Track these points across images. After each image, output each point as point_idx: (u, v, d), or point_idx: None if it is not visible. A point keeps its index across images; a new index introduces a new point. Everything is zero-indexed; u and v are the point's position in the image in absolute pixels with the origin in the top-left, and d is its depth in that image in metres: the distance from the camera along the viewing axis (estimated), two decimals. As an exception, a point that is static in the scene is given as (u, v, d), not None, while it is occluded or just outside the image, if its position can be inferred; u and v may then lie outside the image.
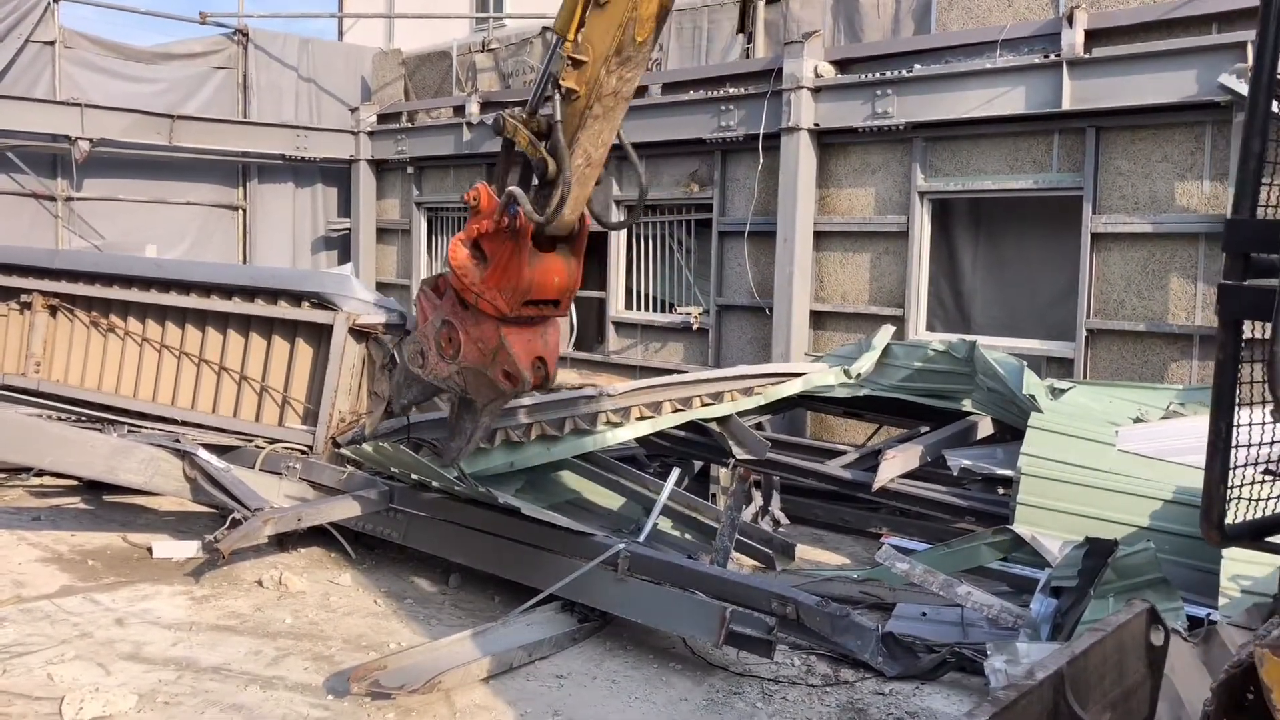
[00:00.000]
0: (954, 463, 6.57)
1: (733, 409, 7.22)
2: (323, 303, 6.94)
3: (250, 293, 7.25)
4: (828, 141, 9.44)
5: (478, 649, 4.70)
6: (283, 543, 6.26)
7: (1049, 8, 8.37)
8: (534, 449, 6.54)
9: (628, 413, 6.86)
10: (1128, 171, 7.85)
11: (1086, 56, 7.82)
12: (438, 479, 5.79)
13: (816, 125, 9.31)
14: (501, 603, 5.60)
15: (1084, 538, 4.92)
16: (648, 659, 4.94)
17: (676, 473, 6.90)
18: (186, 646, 4.86)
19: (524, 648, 4.82)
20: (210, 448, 6.55)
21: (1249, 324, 2.49)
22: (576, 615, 5.19)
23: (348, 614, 5.41)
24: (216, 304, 7.34)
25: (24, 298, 8.28)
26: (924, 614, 5.43)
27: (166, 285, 7.63)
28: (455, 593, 5.84)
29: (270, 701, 4.33)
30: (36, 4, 12.67)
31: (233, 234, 14.52)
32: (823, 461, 7.31)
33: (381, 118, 14.38)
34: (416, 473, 5.93)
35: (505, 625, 5.00)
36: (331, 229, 15.07)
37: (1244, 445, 2.53)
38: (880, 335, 7.92)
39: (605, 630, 5.19)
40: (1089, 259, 7.99)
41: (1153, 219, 7.70)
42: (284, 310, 7.08)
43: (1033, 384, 6.64)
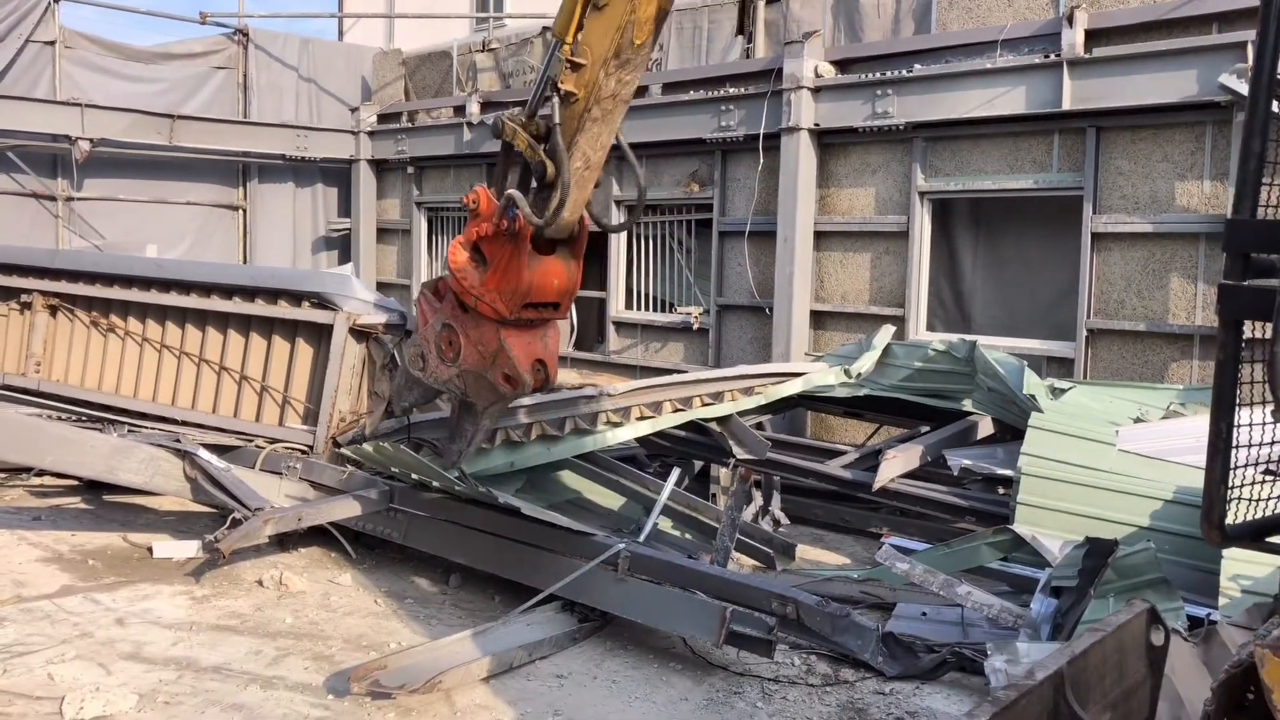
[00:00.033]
0: (954, 462, 6.57)
1: (733, 409, 7.22)
2: (323, 303, 6.95)
3: (250, 293, 7.25)
4: (828, 141, 9.44)
5: (478, 649, 4.71)
6: (283, 542, 6.26)
7: (1049, 8, 8.37)
8: (534, 449, 6.54)
9: (628, 413, 6.86)
10: (1128, 171, 7.85)
11: (1087, 56, 7.82)
12: (438, 479, 5.79)
13: (817, 125, 9.31)
14: (502, 602, 5.60)
15: (1084, 538, 4.92)
16: (648, 659, 4.94)
17: (677, 473, 6.90)
18: (187, 646, 4.86)
19: (524, 647, 4.82)
20: (210, 447, 6.56)
21: (1249, 324, 2.49)
22: (577, 615, 5.19)
23: (348, 614, 5.41)
24: (217, 304, 7.34)
25: (24, 297, 8.29)
26: (924, 614, 5.43)
27: (167, 285, 7.63)
28: (455, 592, 5.85)
29: (270, 701, 4.34)
30: (37, 4, 12.67)
31: (233, 234, 14.52)
32: (823, 461, 7.30)
33: (382, 118, 14.38)
34: (417, 472, 5.93)
35: (505, 625, 5.00)
36: (332, 229, 15.07)
37: (1244, 445, 2.54)
38: (880, 335, 7.92)
39: (605, 630, 5.19)
40: (1089, 259, 7.99)
41: (1153, 219, 7.71)
42: (284, 310, 7.09)
43: (1033, 384, 6.64)
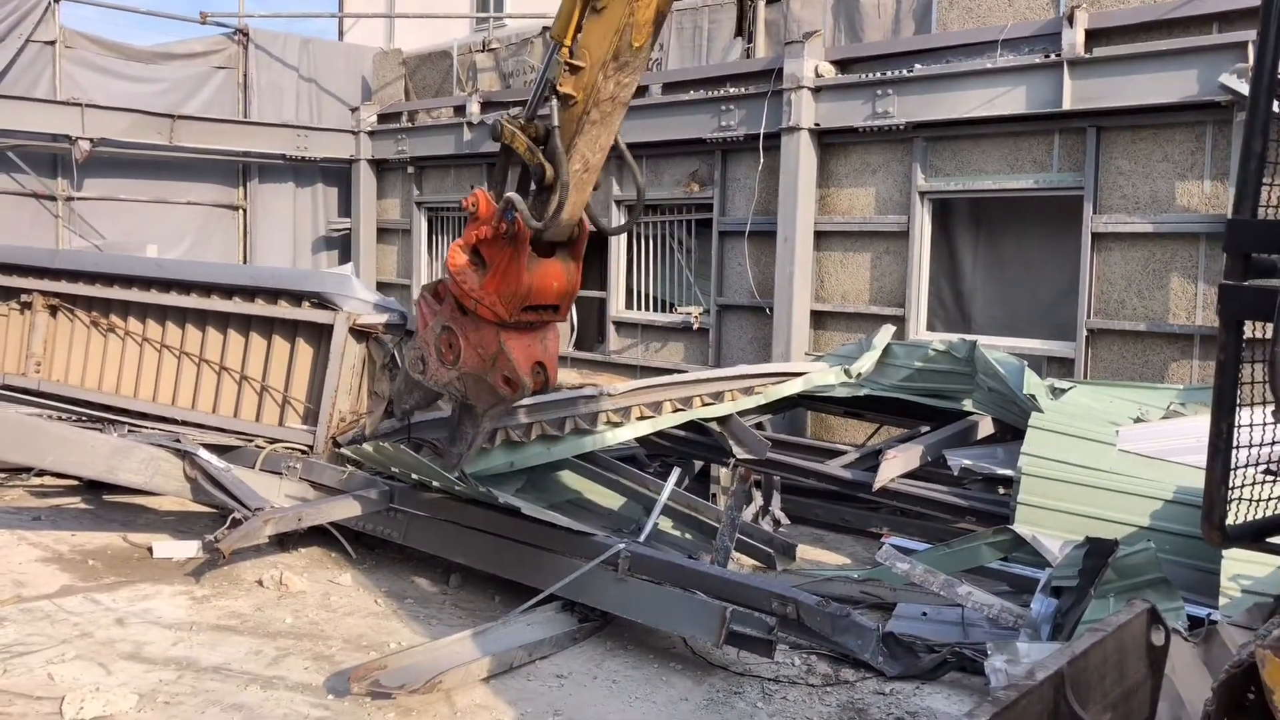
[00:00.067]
0: (954, 462, 6.57)
1: (733, 408, 7.21)
2: (323, 303, 6.95)
3: (250, 292, 7.25)
4: (828, 141, 9.44)
5: (478, 649, 4.71)
6: (283, 542, 6.26)
7: (1049, 7, 8.37)
8: (534, 449, 6.54)
9: (628, 412, 6.86)
10: (1128, 171, 7.85)
11: (1087, 56, 7.81)
12: (438, 479, 5.79)
13: (817, 125, 9.31)
14: (502, 602, 5.60)
15: (1084, 538, 4.92)
16: (648, 659, 4.94)
17: (677, 472, 6.90)
18: (187, 646, 4.86)
19: (524, 647, 4.82)
20: (210, 447, 6.56)
21: (1250, 324, 2.49)
22: (577, 615, 5.19)
23: (348, 614, 5.41)
24: (217, 304, 7.34)
25: (24, 297, 8.29)
26: (924, 614, 5.43)
27: (167, 285, 7.63)
28: (456, 592, 5.84)
29: (271, 701, 4.34)
30: (37, 4, 12.67)
31: (233, 234, 14.51)
32: (823, 461, 7.30)
33: (382, 117, 14.38)
34: (417, 472, 5.93)
35: (506, 625, 5.00)
36: (332, 229, 15.07)
37: (1245, 446, 2.54)
38: (881, 335, 7.92)
39: (606, 630, 5.19)
40: (1089, 259, 7.98)
41: (1153, 219, 7.70)
42: (284, 310, 7.09)
43: (1033, 384, 6.64)
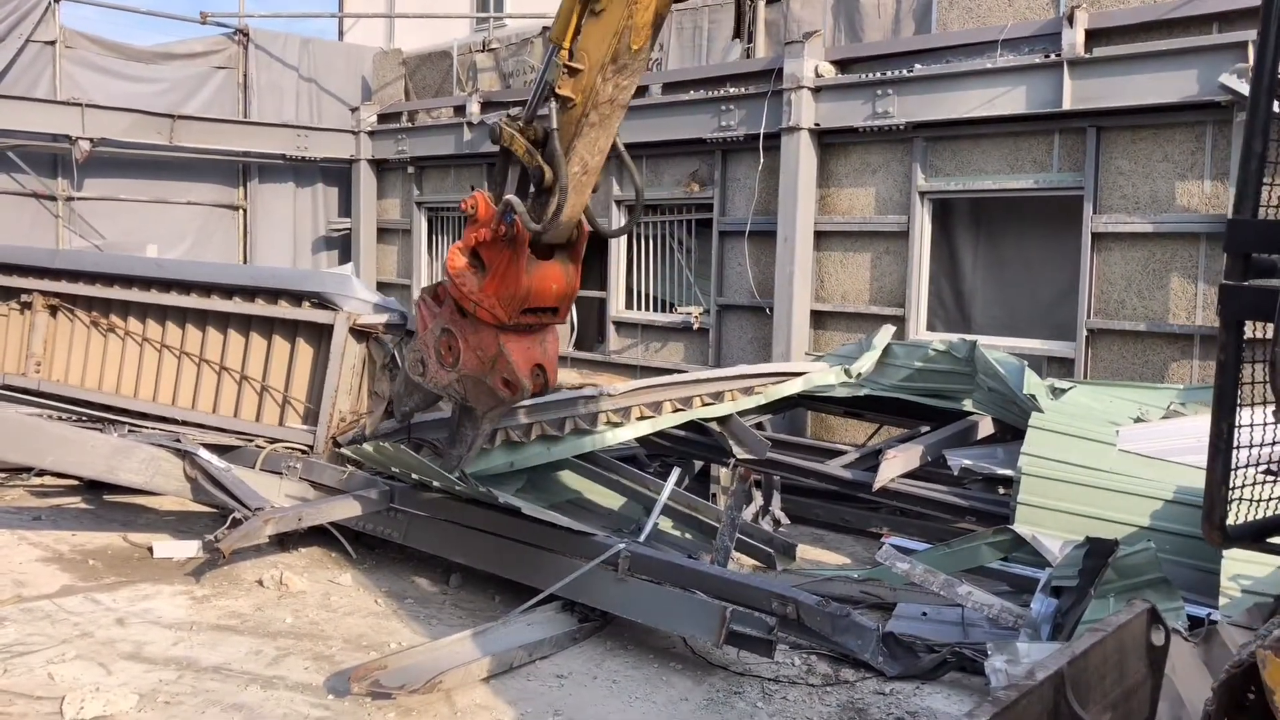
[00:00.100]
0: (954, 462, 6.57)
1: (733, 408, 7.21)
2: (323, 303, 6.95)
3: (251, 293, 7.25)
4: (828, 141, 9.44)
5: (478, 649, 4.71)
6: (283, 542, 6.26)
7: (1049, 7, 8.37)
8: (534, 449, 6.54)
9: (628, 413, 6.86)
10: (1128, 171, 7.85)
11: (1087, 56, 7.82)
12: (438, 479, 5.79)
13: (817, 125, 9.31)
14: (502, 602, 5.60)
15: (1084, 537, 4.92)
16: (648, 659, 4.94)
17: (677, 472, 6.90)
18: (187, 646, 4.86)
19: (524, 647, 4.82)
20: (211, 447, 6.56)
21: (1250, 324, 2.49)
22: (577, 615, 5.19)
23: (348, 614, 5.41)
24: (217, 304, 7.34)
25: (24, 297, 8.29)
26: (924, 614, 5.43)
27: (167, 285, 7.63)
28: (456, 592, 5.84)
29: (271, 701, 4.34)
30: (37, 4, 12.67)
31: (233, 234, 14.51)
32: (823, 461, 7.30)
33: (382, 117, 14.38)
34: (417, 472, 5.93)
35: (506, 625, 5.00)
36: (332, 229, 15.07)
37: (1246, 446, 2.54)
38: (881, 335, 7.92)
39: (606, 630, 5.19)
40: (1089, 259, 7.98)
41: (1153, 219, 7.70)
42: (284, 310, 7.09)
43: (1033, 384, 6.64)
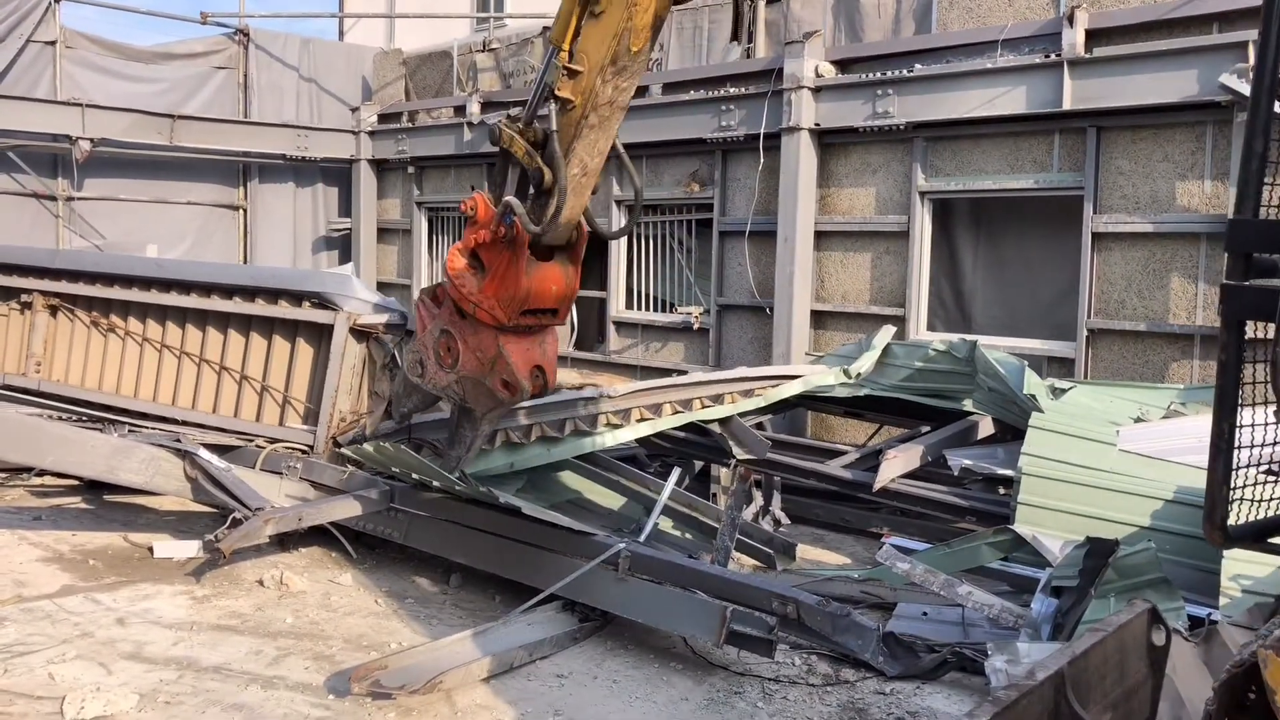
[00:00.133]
0: (955, 463, 6.57)
1: (733, 410, 7.22)
2: (323, 303, 6.94)
3: (251, 293, 7.25)
4: (828, 141, 9.44)
5: (479, 648, 4.70)
6: (284, 542, 6.26)
7: (1050, 7, 8.37)
8: (534, 450, 6.54)
9: (628, 414, 6.86)
10: (1128, 171, 7.85)
11: (1087, 56, 7.81)
12: (439, 479, 5.79)
13: (817, 125, 9.31)
14: (502, 602, 5.60)
15: (1085, 537, 4.92)
16: (648, 658, 4.94)
17: (677, 472, 6.90)
18: (187, 646, 4.86)
19: (525, 647, 4.82)
20: (211, 447, 6.56)
21: (1251, 324, 2.49)
22: (577, 615, 5.19)
23: (349, 614, 5.41)
24: (217, 304, 7.34)
25: (25, 297, 8.28)
26: (925, 614, 5.43)
27: (167, 285, 7.63)
28: (456, 592, 5.84)
29: (271, 701, 4.33)
30: (37, 4, 12.67)
31: (233, 234, 14.52)
32: (823, 461, 7.30)
33: (382, 118, 14.37)
34: (417, 472, 5.93)
35: (506, 625, 5.00)
36: (332, 229, 15.07)
37: (1247, 446, 2.53)
38: (880, 335, 7.92)
39: (606, 630, 5.19)
40: (1090, 259, 7.98)
41: (1154, 219, 7.70)
42: (285, 310, 7.09)
43: (1033, 384, 6.64)
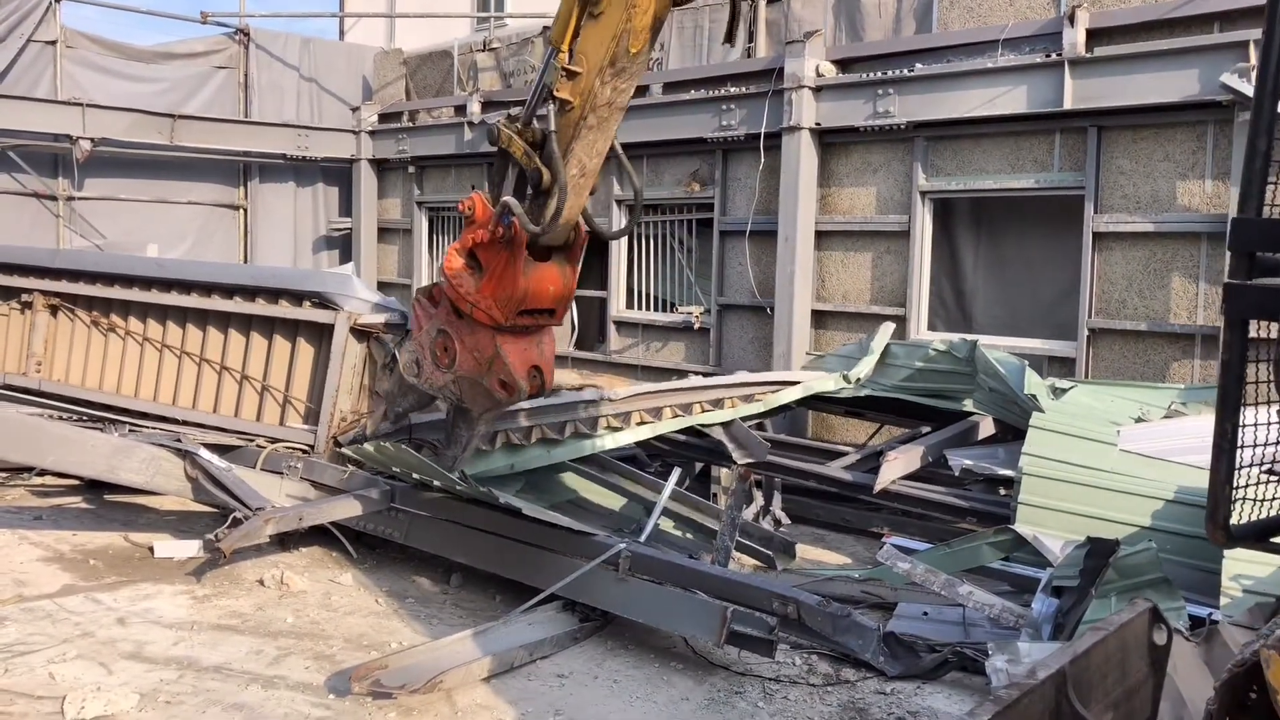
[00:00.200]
0: (955, 463, 6.57)
1: (733, 415, 7.21)
2: (324, 302, 6.94)
3: (251, 292, 7.24)
4: (829, 141, 9.44)
5: (479, 648, 4.70)
6: (284, 542, 6.25)
7: (1050, 7, 8.36)
8: (535, 452, 6.54)
9: (628, 417, 6.87)
10: (1129, 171, 7.84)
11: (1088, 56, 7.81)
12: (439, 479, 5.78)
13: (818, 124, 9.30)
14: (503, 602, 5.59)
15: (1085, 537, 4.92)
16: (649, 658, 4.93)
17: (677, 473, 6.89)
18: (188, 646, 4.86)
19: (525, 647, 4.82)
20: (211, 447, 6.55)
21: (1254, 323, 2.48)
22: (578, 615, 5.19)
23: (349, 613, 5.40)
24: (217, 303, 7.34)
25: (25, 297, 8.28)
26: (925, 613, 5.43)
27: (167, 285, 7.62)
28: (457, 592, 5.84)
29: (272, 701, 4.33)
30: (38, 4, 12.67)
31: (234, 233, 14.52)
32: (824, 462, 7.30)
33: (383, 117, 14.37)
34: (418, 472, 5.93)
35: (506, 625, 5.00)
36: (333, 228, 15.07)
37: (1249, 445, 2.53)
38: (879, 336, 7.92)
39: (606, 630, 5.19)
40: (1090, 258, 7.98)
41: (1154, 218, 7.70)
42: (285, 310, 7.08)
43: (1034, 384, 6.64)
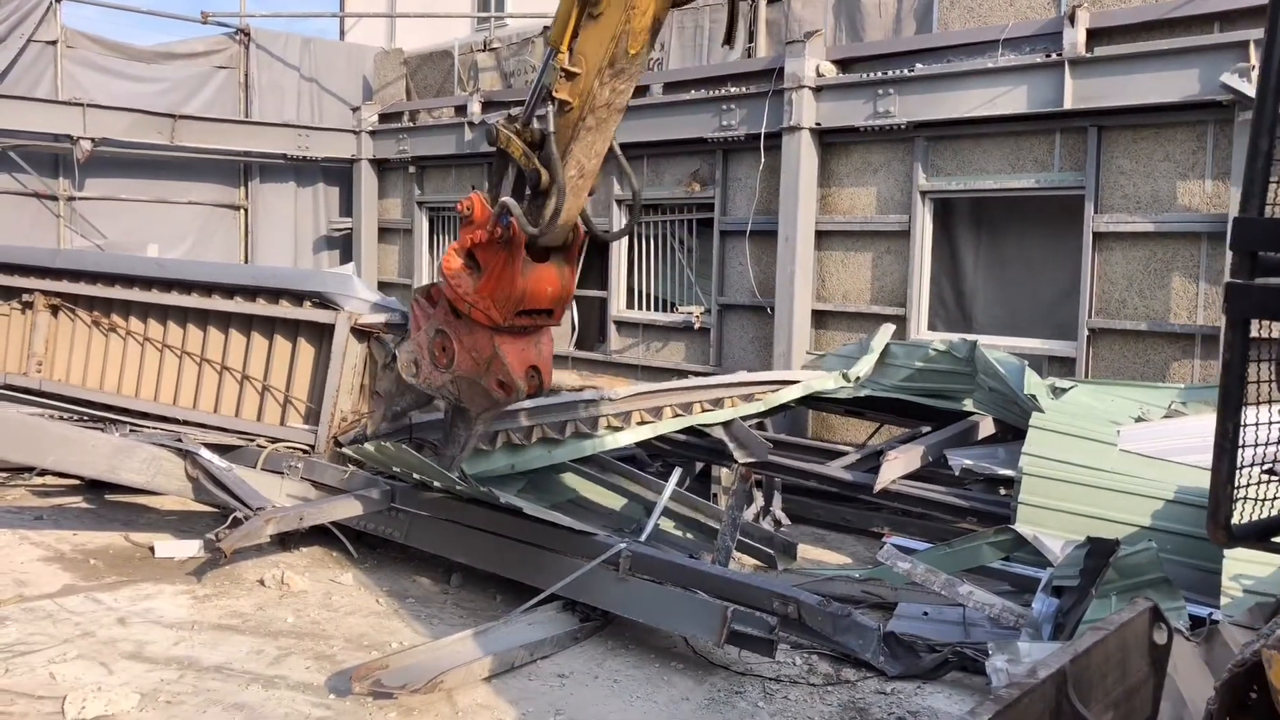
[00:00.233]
0: (955, 463, 6.57)
1: (733, 414, 7.21)
2: (324, 302, 6.94)
3: (252, 292, 7.25)
4: (829, 141, 9.44)
5: (480, 648, 4.70)
6: (285, 542, 6.26)
7: (1050, 7, 8.36)
8: (535, 452, 6.54)
9: (628, 417, 6.86)
10: (1129, 170, 7.84)
11: (1088, 55, 7.81)
12: (440, 478, 5.78)
13: (818, 124, 9.30)
14: (503, 602, 5.60)
15: (1085, 537, 4.92)
16: (649, 658, 4.93)
17: (678, 473, 6.89)
18: (188, 646, 4.86)
19: (526, 647, 4.82)
20: (212, 447, 6.55)
21: (1256, 323, 2.48)
22: (578, 614, 5.19)
23: (350, 613, 5.41)
24: (218, 303, 7.34)
25: (26, 297, 8.28)
26: (926, 613, 5.43)
27: (168, 285, 7.62)
28: (457, 592, 5.84)
29: (272, 701, 4.33)
30: (39, 4, 12.67)
31: (234, 233, 14.52)
32: (824, 462, 7.30)
33: (383, 117, 14.37)
34: (419, 472, 5.93)
35: (507, 624, 5.00)
36: (333, 228, 15.08)
37: (1251, 445, 2.53)
38: (879, 336, 7.91)
39: (607, 629, 5.19)
40: (1091, 258, 7.98)
41: (1155, 218, 7.70)
42: (286, 310, 7.08)
43: (1034, 383, 6.64)
